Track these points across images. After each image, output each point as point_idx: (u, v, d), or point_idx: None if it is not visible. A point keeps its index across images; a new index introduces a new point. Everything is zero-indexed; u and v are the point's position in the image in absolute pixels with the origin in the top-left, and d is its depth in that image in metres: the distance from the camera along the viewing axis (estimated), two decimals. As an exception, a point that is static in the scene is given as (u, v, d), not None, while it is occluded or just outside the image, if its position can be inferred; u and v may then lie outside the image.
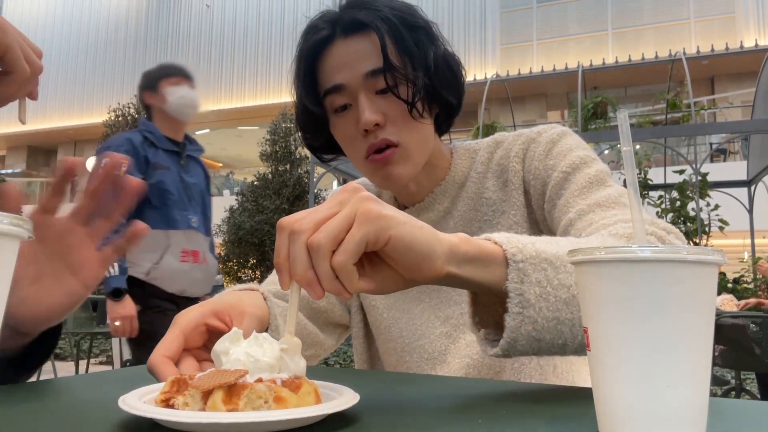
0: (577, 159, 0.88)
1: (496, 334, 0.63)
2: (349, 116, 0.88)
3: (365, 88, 0.86)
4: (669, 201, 7.27)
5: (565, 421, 0.49)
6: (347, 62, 0.86)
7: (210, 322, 0.67)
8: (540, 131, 0.95)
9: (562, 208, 0.84)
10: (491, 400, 0.59)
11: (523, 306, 0.56)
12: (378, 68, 0.85)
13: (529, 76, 15.11)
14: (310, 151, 1.00)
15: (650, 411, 0.40)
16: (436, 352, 0.94)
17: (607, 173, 0.87)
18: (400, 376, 0.80)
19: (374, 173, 0.91)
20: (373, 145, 0.87)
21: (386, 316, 1.00)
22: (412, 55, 0.86)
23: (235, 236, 12.42)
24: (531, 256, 0.57)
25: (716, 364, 4.11)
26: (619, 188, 0.83)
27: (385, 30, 0.85)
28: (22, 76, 0.60)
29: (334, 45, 0.88)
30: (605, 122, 7.86)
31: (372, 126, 0.85)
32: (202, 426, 0.43)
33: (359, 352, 1.07)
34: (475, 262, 0.57)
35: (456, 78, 0.92)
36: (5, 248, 0.39)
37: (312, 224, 0.50)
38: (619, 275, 0.41)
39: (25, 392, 0.62)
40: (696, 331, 0.41)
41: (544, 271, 0.57)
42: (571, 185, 0.85)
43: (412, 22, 0.88)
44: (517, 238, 0.60)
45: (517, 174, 0.93)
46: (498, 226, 0.93)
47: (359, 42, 0.87)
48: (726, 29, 16.58)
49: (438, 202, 0.97)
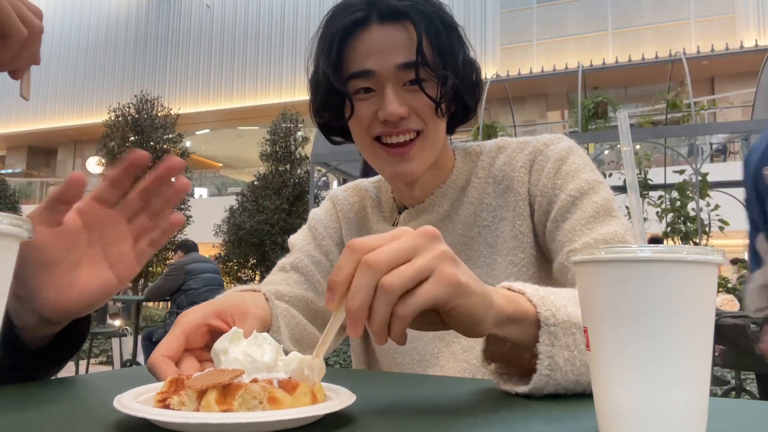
0: (585, 184, 0.88)
1: (507, 368, 0.64)
2: (370, 102, 0.88)
3: (395, 78, 0.86)
4: (669, 201, 7.27)
5: (565, 421, 0.49)
6: (380, 50, 0.85)
7: (212, 323, 0.67)
8: (546, 143, 0.95)
9: (568, 235, 0.85)
10: (491, 400, 0.59)
11: (551, 369, 0.57)
12: (411, 62, 0.84)
13: (529, 76, 15.10)
14: (321, 131, 0.98)
15: (650, 411, 0.40)
16: (429, 355, 0.94)
17: (613, 200, 0.88)
18: (400, 376, 0.80)
19: (387, 164, 0.91)
20: (390, 131, 0.87)
21: None
22: (444, 54, 0.86)
23: (235, 236, 12.41)
24: (563, 321, 0.58)
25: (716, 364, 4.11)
26: (624, 223, 0.84)
27: (423, 24, 0.85)
28: (20, 38, 0.55)
29: (368, 29, 0.86)
30: (605, 122, 7.85)
31: (396, 118, 0.86)
32: (191, 426, 0.43)
33: (356, 353, 1.07)
34: (513, 323, 0.58)
35: (477, 84, 0.93)
36: (5, 248, 0.39)
37: (387, 263, 0.49)
38: (619, 275, 0.41)
39: (25, 392, 0.62)
40: (696, 331, 0.40)
41: (573, 336, 0.59)
42: (577, 211, 0.86)
43: (447, 22, 0.88)
44: (551, 299, 0.60)
45: (523, 185, 0.93)
46: (497, 231, 0.94)
47: (395, 31, 0.86)
48: (726, 29, 16.57)
49: (438, 204, 0.97)
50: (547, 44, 18.28)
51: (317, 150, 7.60)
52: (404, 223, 0.99)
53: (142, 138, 13.47)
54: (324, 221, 1.08)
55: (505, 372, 0.64)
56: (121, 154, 13.14)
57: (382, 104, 0.86)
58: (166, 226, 0.69)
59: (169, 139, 13.83)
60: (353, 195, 1.10)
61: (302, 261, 1.01)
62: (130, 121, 13.60)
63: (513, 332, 0.58)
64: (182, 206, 13.71)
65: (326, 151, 7.41)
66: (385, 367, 1.00)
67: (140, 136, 13.49)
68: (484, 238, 0.95)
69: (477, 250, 0.95)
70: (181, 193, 0.68)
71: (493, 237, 0.94)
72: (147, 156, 0.64)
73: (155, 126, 13.67)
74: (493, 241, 0.94)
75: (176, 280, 5.64)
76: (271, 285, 0.98)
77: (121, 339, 6.36)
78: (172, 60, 22.98)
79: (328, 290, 0.50)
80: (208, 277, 5.74)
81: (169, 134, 13.91)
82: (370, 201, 1.07)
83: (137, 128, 13.54)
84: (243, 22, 22.24)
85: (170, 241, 13.31)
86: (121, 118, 13.63)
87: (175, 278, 5.65)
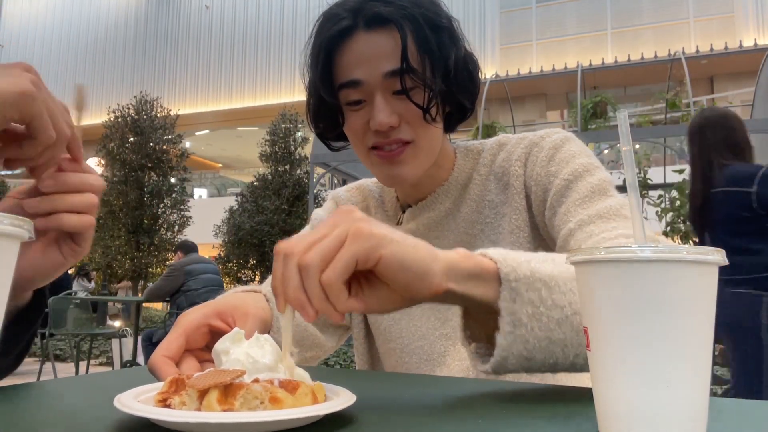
0: (580, 167, 0.86)
1: (488, 348, 0.63)
2: (361, 113, 0.87)
3: (383, 87, 0.84)
4: (669, 200, 7.26)
5: (565, 421, 0.49)
6: (367, 59, 0.83)
7: (213, 323, 0.67)
8: (543, 135, 0.94)
9: (563, 217, 0.84)
10: (491, 400, 0.59)
11: (514, 325, 0.56)
12: (398, 69, 0.82)
13: (528, 76, 15.09)
14: (320, 139, 0.97)
15: (650, 411, 0.40)
16: (436, 354, 0.93)
17: (610, 182, 0.86)
18: (400, 376, 0.80)
19: (380, 169, 0.89)
20: (383, 142, 0.86)
21: (386, 317, 1.00)
22: (433, 59, 0.84)
23: (235, 237, 12.42)
24: (525, 276, 0.57)
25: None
26: (620, 199, 0.82)
27: (409, 29, 0.82)
28: (46, 142, 0.55)
29: (354, 37, 0.84)
30: (605, 122, 7.85)
31: (386, 128, 0.84)
32: (192, 425, 0.43)
33: (360, 353, 1.07)
34: (473, 278, 0.57)
35: (473, 80, 0.90)
36: (5, 249, 0.39)
37: (304, 246, 0.50)
38: (619, 275, 0.41)
39: (25, 392, 0.62)
40: (696, 331, 0.40)
41: (538, 291, 0.57)
42: (572, 193, 0.84)
43: (436, 22, 0.84)
44: (513, 255, 0.59)
45: (518, 178, 0.92)
46: (500, 228, 0.93)
47: (381, 38, 0.83)
48: (725, 29, 16.58)
49: (440, 201, 0.97)
50: (546, 44, 18.28)
51: (317, 150, 7.60)
52: (407, 222, 0.98)
53: (141, 138, 13.48)
54: None
55: (486, 354, 0.62)
56: (121, 154, 13.18)
57: (372, 114, 0.84)
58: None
59: (168, 140, 13.84)
60: (356, 195, 1.10)
61: None
62: (130, 121, 13.60)
63: (475, 289, 0.57)
64: (182, 207, 13.74)
65: (326, 151, 7.36)
66: (390, 367, 1.00)
67: (140, 137, 13.50)
68: (487, 235, 0.94)
69: (480, 247, 0.95)
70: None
71: (496, 234, 0.94)
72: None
73: (155, 127, 13.68)
74: (495, 238, 0.93)
75: (176, 280, 5.64)
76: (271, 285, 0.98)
77: (121, 340, 6.36)
78: (172, 60, 22.98)
79: (274, 297, 0.52)
80: (207, 278, 5.74)
81: (169, 135, 13.91)
82: (373, 201, 1.07)
83: (136, 129, 13.54)
84: (242, 22, 22.23)
85: (170, 242, 13.36)
86: (121, 119, 13.63)
87: (175, 279, 5.65)
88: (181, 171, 14.03)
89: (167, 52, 23.11)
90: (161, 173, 13.64)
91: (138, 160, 13.29)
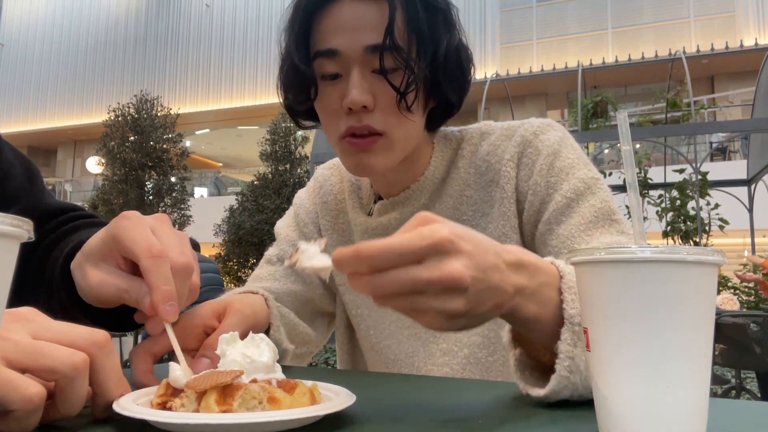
0: (581, 183, 0.82)
1: (528, 358, 0.60)
2: (337, 87, 0.79)
3: (362, 62, 0.77)
4: (669, 200, 7.26)
5: (565, 421, 0.49)
6: (349, 27, 0.76)
7: (208, 323, 0.67)
8: (536, 131, 0.87)
9: (565, 241, 0.79)
10: (491, 400, 0.59)
11: (571, 371, 0.53)
12: (380, 44, 0.75)
13: (528, 75, 15.10)
14: (289, 114, 0.90)
15: (650, 411, 0.40)
16: (403, 354, 0.91)
17: (611, 200, 0.82)
18: (399, 376, 0.80)
19: (349, 157, 0.82)
20: (353, 127, 0.78)
21: (357, 312, 0.98)
22: (421, 39, 0.77)
23: (235, 236, 12.41)
24: None
25: (716, 364, 4.11)
26: (625, 231, 0.79)
27: (400, 3, 0.76)
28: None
29: (340, 3, 0.77)
30: (605, 121, 7.86)
31: (358, 107, 0.76)
32: (191, 427, 0.43)
33: (341, 343, 1.05)
34: (537, 314, 0.54)
35: (463, 75, 0.83)
36: (5, 249, 0.39)
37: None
38: (619, 275, 0.41)
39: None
40: (696, 331, 0.40)
41: None
42: (574, 215, 0.80)
43: (431, 2, 0.78)
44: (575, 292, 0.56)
45: (510, 180, 0.86)
46: (479, 228, 0.86)
47: (368, 8, 0.76)
48: (726, 28, 16.57)
49: (415, 198, 0.90)
50: (546, 43, 18.27)
51: (317, 149, 7.60)
52: (378, 215, 0.92)
53: (141, 138, 13.48)
54: (306, 206, 1.05)
55: (528, 363, 0.59)
56: (121, 153, 13.18)
57: (346, 89, 0.77)
58: None
59: (168, 139, 13.84)
60: (335, 174, 1.04)
61: (287, 252, 1.00)
62: (130, 120, 13.61)
63: (536, 325, 0.54)
64: (182, 206, 13.74)
65: (326, 150, 7.41)
66: (368, 364, 1.00)
67: (140, 136, 13.50)
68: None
69: None
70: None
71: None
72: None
73: (155, 126, 13.68)
74: None
75: (176, 280, 5.63)
76: (259, 281, 0.97)
77: (121, 339, 6.36)
78: (172, 60, 22.97)
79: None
80: (208, 277, 5.74)
81: (169, 134, 13.92)
82: (349, 184, 1.00)
83: (137, 128, 13.54)
84: (243, 21, 22.23)
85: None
86: (121, 118, 13.63)
87: (175, 278, 5.64)
88: (181, 170, 14.04)
89: (167, 51, 23.11)
90: (161, 172, 13.64)
91: (138, 159, 13.29)
